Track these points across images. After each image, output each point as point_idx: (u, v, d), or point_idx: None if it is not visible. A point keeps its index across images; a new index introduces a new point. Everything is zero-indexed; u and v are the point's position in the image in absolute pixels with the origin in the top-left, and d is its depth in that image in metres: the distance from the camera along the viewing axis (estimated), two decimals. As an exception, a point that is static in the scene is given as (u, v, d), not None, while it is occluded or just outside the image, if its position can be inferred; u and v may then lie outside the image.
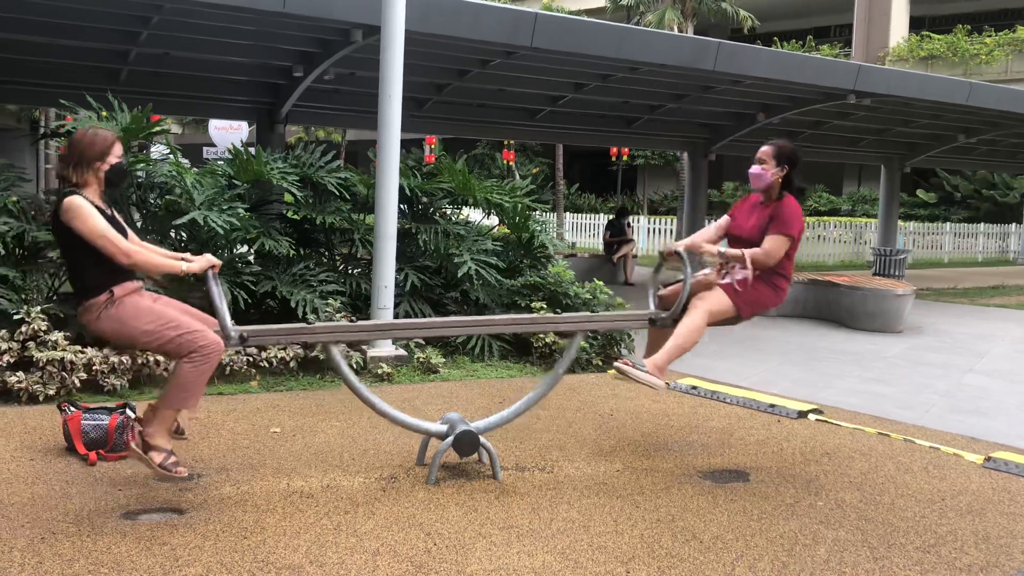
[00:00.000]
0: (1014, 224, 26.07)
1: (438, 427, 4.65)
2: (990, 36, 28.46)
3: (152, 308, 4.09)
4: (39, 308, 6.00)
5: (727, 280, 4.91)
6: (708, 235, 5.14)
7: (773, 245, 4.80)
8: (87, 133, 4.09)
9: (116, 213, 4.25)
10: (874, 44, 31.15)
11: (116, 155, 4.12)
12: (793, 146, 4.99)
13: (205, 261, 4.23)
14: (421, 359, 7.12)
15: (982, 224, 25.63)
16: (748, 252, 4.82)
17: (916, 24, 32.38)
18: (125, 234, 4.13)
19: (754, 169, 4.92)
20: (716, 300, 4.81)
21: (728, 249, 4.90)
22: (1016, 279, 18.61)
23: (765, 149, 4.92)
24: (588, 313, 4.95)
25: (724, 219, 5.20)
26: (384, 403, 4.57)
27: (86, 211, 3.93)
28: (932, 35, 29.80)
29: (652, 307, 5.09)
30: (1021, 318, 12.28)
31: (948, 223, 25.50)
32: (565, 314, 4.81)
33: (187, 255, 4.31)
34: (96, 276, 4.01)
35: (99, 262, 3.99)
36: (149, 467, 4.07)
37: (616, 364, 4.70)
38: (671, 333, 4.87)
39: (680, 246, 4.97)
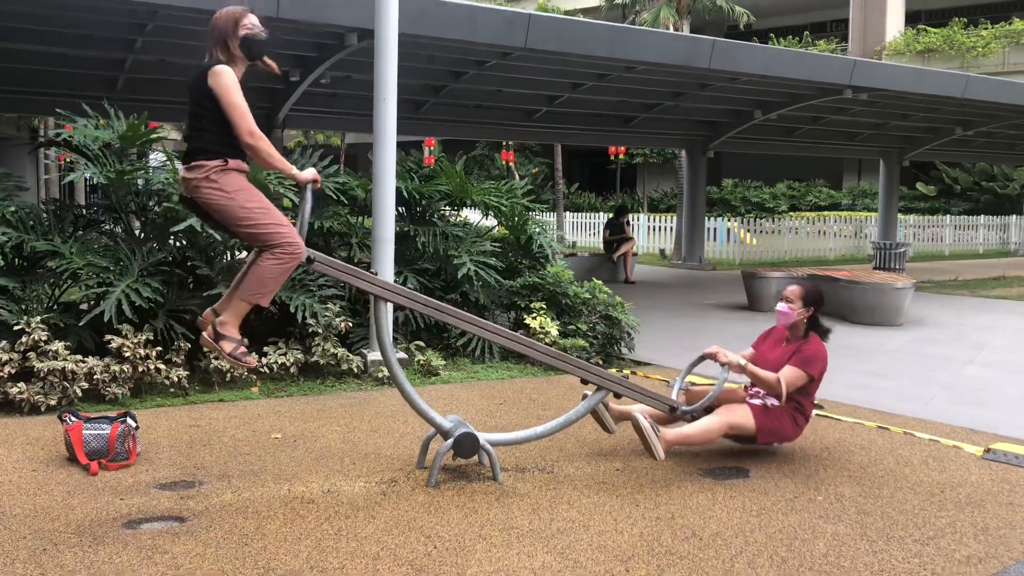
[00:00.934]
0: (1014, 216, 26.03)
1: (444, 421, 4.67)
2: (986, 29, 28.43)
3: (255, 190, 4.20)
4: (39, 318, 6.01)
5: (758, 401, 5.01)
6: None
7: (790, 376, 4.88)
8: (221, 12, 4.17)
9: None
10: (870, 39, 31.12)
11: (246, 26, 4.17)
12: (820, 289, 5.22)
13: (312, 174, 4.42)
14: (422, 361, 7.14)
15: (982, 216, 25.59)
16: (753, 369, 4.90)
17: (912, 18, 32.33)
18: None
19: (781, 307, 5.10)
20: (741, 416, 4.92)
21: (751, 366, 4.94)
22: (1017, 270, 18.60)
23: (793, 289, 5.12)
24: (616, 374, 5.06)
25: (748, 351, 5.30)
26: (406, 380, 4.64)
27: (232, 81, 4.03)
28: (928, 29, 29.77)
29: (675, 395, 5.18)
30: (1022, 309, 12.28)
31: (948, 216, 25.48)
32: (596, 367, 4.94)
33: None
34: (216, 141, 4.06)
35: (224, 131, 4.06)
36: (220, 355, 4.22)
37: (635, 415, 4.72)
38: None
39: (720, 353, 5.00)
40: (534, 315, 7.82)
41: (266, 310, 7.48)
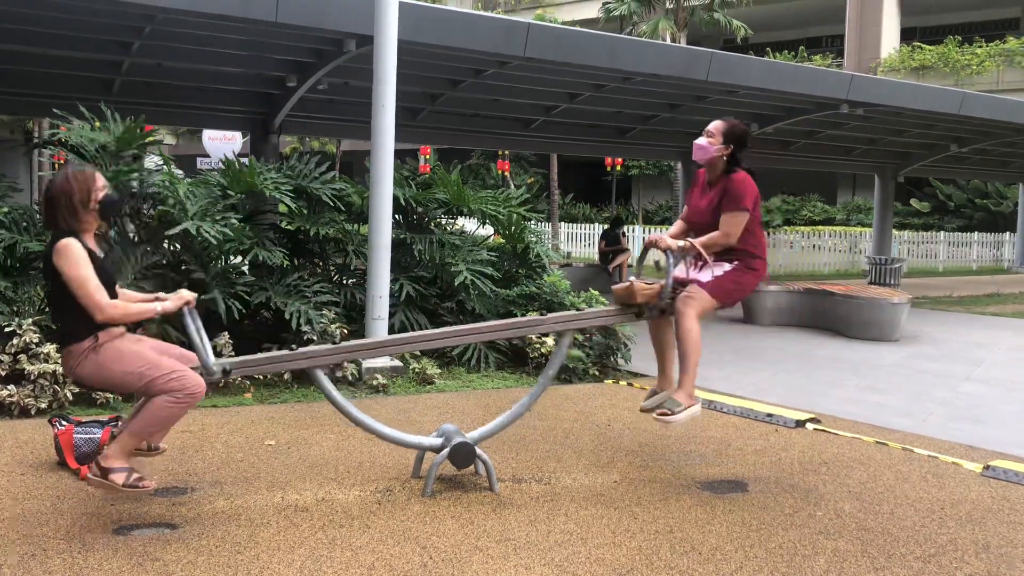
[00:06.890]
0: (1008, 233, 26.12)
1: (433, 440, 4.61)
2: (981, 47, 28.59)
3: (134, 351, 3.88)
4: (31, 320, 5.94)
5: (707, 277, 4.72)
6: (674, 231, 4.98)
7: (729, 223, 4.59)
8: (66, 178, 3.83)
9: (112, 250, 4.06)
10: (866, 54, 31.28)
11: (101, 188, 3.91)
12: (746, 128, 4.81)
13: (178, 299, 4.01)
14: (416, 370, 7.08)
15: (976, 233, 25.69)
16: (700, 240, 4.64)
17: (907, 35, 32.53)
18: (113, 283, 3.94)
19: (699, 141, 4.77)
20: (701, 299, 4.67)
21: (676, 242, 4.67)
22: (1011, 287, 18.63)
23: (716, 124, 4.76)
24: (575, 312, 4.79)
25: (684, 210, 5.04)
26: (374, 421, 4.51)
27: (75, 257, 3.72)
28: (923, 46, 29.93)
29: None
30: (1017, 326, 12.28)
31: (942, 232, 25.56)
32: (552, 314, 4.71)
33: (160, 294, 4.11)
34: (81, 321, 3.78)
35: (84, 308, 3.78)
36: (114, 491, 3.80)
37: (656, 418, 4.60)
38: (668, 334, 4.97)
39: (660, 239, 4.73)
40: (530, 325, 7.77)
41: (263, 315, 7.43)
